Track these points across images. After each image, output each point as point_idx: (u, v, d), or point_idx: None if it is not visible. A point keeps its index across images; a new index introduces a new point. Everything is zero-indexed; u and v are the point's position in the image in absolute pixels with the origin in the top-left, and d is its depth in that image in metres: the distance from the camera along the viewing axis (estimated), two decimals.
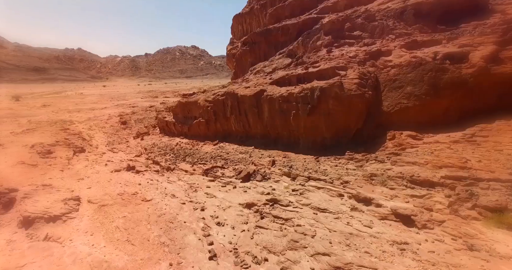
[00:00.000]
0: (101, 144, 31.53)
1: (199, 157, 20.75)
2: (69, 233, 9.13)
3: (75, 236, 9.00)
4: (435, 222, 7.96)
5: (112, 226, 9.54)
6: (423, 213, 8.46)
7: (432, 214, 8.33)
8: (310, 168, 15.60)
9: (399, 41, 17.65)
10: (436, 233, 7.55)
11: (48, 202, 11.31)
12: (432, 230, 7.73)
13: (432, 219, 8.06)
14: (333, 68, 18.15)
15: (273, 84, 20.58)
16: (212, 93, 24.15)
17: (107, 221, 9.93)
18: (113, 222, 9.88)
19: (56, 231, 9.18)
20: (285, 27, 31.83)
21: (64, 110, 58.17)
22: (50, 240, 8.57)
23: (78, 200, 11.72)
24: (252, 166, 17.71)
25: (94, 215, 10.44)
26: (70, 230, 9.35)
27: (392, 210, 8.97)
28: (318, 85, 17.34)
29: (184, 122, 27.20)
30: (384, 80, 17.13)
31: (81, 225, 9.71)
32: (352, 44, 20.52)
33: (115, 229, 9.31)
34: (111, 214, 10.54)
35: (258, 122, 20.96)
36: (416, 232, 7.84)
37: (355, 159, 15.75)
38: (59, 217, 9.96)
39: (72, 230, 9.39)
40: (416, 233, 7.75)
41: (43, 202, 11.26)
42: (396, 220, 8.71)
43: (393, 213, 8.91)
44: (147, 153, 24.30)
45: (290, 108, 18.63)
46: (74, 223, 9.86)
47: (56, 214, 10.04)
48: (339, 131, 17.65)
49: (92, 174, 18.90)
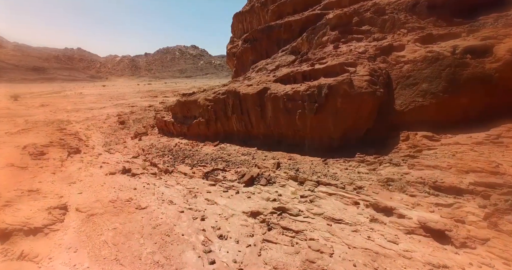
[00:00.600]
0: (97, 144, 30.32)
1: (199, 158, 19.51)
2: (49, 249, 7.92)
3: (56, 253, 7.79)
4: (476, 240, 6.75)
5: (99, 241, 8.32)
6: (458, 227, 7.25)
7: (469, 230, 7.11)
8: (319, 171, 14.37)
9: (412, 35, 16.40)
10: (481, 254, 6.35)
11: (31, 211, 10.07)
12: (475, 249, 6.52)
13: (472, 236, 6.85)
14: (341, 65, 16.90)
15: (277, 82, 19.33)
16: (213, 92, 22.90)
17: (94, 234, 8.71)
18: (101, 235, 8.66)
19: (35, 247, 7.96)
20: (288, 24, 30.57)
21: (62, 110, 57.00)
22: (25, 259, 7.36)
23: (65, 209, 10.49)
24: (256, 168, 16.49)
25: (80, 227, 9.22)
26: (51, 245, 8.14)
27: (420, 222, 7.76)
28: (326, 83, 16.10)
29: (184, 122, 25.95)
30: (397, 77, 15.90)
31: (65, 238, 8.49)
32: (360, 39, 19.28)
33: (102, 245, 8.10)
34: (100, 225, 9.31)
35: (261, 122, 19.71)
36: (454, 251, 6.64)
37: (366, 161, 14.53)
38: (41, 230, 8.74)
39: (53, 245, 8.18)
40: (455, 253, 6.55)
41: (25, 211, 10.03)
42: (426, 234, 7.50)
43: (421, 227, 7.70)
44: (145, 154, 23.06)
45: (296, 107, 17.39)
46: (57, 236, 8.65)
47: (38, 226, 8.82)
48: (348, 131, 16.42)
49: (85, 177, 17.66)
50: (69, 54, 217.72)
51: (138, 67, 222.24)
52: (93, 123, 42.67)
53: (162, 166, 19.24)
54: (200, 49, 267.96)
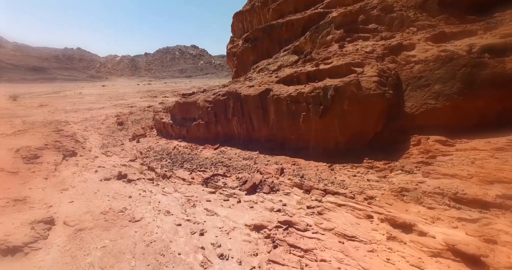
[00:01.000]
0: (95, 146, 29.38)
1: (198, 162, 18.55)
2: None
3: None
4: None
5: (85, 263, 7.36)
6: (494, 251, 6.30)
7: (509, 255, 6.16)
8: (325, 178, 13.42)
9: (423, 33, 15.43)
10: None
11: (13, 224, 9.12)
12: None
13: None
14: (348, 65, 15.94)
15: (279, 82, 18.36)
16: (212, 93, 21.92)
17: (80, 254, 7.75)
18: (88, 255, 7.70)
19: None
20: (290, 23, 29.55)
21: (61, 110, 56.12)
22: None
23: (51, 222, 9.52)
24: (258, 174, 15.54)
25: (66, 245, 8.26)
26: (29, 269, 7.18)
27: (448, 244, 6.81)
28: (332, 84, 15.14)
29: (182, 124, 24.98)
30: (407, 78, 14.94)
31: (46, 260, 7.54)
32: (367, 38, 18.30)
33: (88, 268, 7.14)
34: (88, 243, 8.36)
35: (263, 125, 18.75)
36: None
37: (376, 167, 13.58)
38: (20, 248, 7.78)
39: (32, 268, 7.22)
40: None
41: (6, 224, 9.07)
42: (455, 259, 6.57)
43: (449, 249, 6.75)
44: (142, 157, 22.10)
45: (300, 110, 16.44)
46: (38, 256, 7.69)
47: (17, 244, 7.86)
48: (354, 135, 15.46)
49: (79, 183, 16.69)
50: (69, 54, 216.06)
51: (138, 67, 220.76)
52: (91, 124, 41.75)
53: (160, 171, 18.29)
54: (200, 49, 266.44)
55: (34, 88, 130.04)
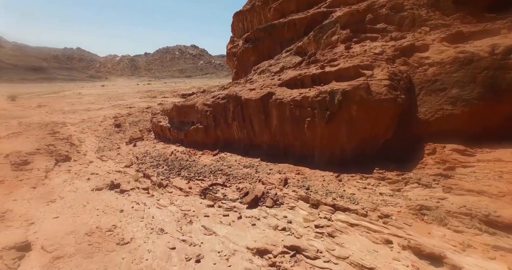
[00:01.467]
0: (90, 150, 28.18)
1: (196, 170, 17.35)
2: None
3: None
4: None
5: None
6: None
7: None
8: (333, 191, 12.24)
9: (437, 33, 14.23)
10: None
11: None
12: None
13: None
14: (356, 67, 14.74)
15: (282, 86, 17.15)
16: (211, 96, 20.70)
17: None
18: None
19: None
20: (292, 22, 28.33)
21: (59, 111, 55.00)
22: None
23: (26, 248, 8.32)
24: (260, 184, 14.36)
25: None
26: None
27: None
28: (340, 88, 13.94)
29: (180, 128, 23.78)
30: (420, 82, 13.75)
31: None
32: (375, 38, 17.09)
33: None
34: None
35: (265, 131, 17.55)
36: None
37: (388, 179, 12.40)
38: None
39: None
40: None
41: None
42: None
43: None
44: (138, 163, 20.90)
45: (304, 115, 15.25)
46: None
47: None
48: (363, 143, 14.29)
49: (69, 193, 15.49)
50: (69, 54, 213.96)
51: (138, 67, 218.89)
52: (88, 125, 40.60)
53: (156, 179, 17.11)
54: (200, 49, 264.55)
55: (33, 88, 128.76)
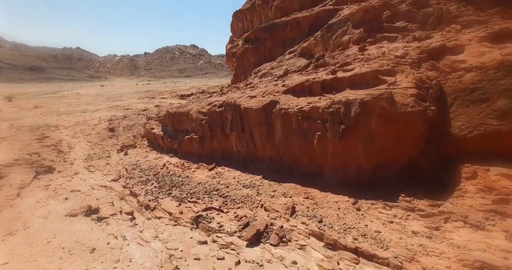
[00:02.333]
0: (79, 157, 25.81)
1: (190, 189, 15.02)
2: None
3: None
4: None
5: None
6: None
7: None
8: (352, 225, 9.92)
9: (473, 32, 11.87)
10: None
11: None
12: None
13: None
14: (374, 73, 12.38)
15: (287, 93, 14.79)
16: (207, 103, 18.31)
17: None
18: None
19: None
20: (295, 21, 25.91)
21: (55, 112, 52.72)
22: None
23: None
24: (262, 211, 12.04)
25: None
26: None
27: None
28: (357, 98, 11.58)
29: (174, 137, 21.41)
30: (454, 90, 11.41)
31: None
32: (393, 39, 14.72)
33: None
34: None
35: (267, 144, 15.22)
36: None
37: (419, 210, 10.08)
38: None
39: None
40: None
41: None
42: None
43: None
44: (126, 177, 18.54)
45: (314, 128, 12.92)
46: None
47: None
48: (383, 161, 11.96)
49: (38, 219, 13.10)
50: (68, 54, 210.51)
51: (137, 66, 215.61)
52: (81, 129, 38.26)
53: (143, 199, 14.80)
54: (199, 49, 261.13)
55: (32, 88, 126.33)
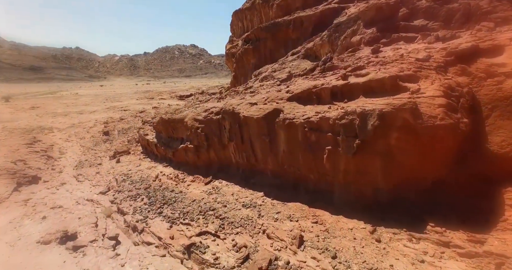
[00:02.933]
0: (69, 165, 24.01)
1: (183, 208, 13.24)
2: None
3: None
4: None
5: None
6: None
7: None
8: (374, 266, 8.14)
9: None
10: None
11: None
12: None
13: None
14: (393, 79, 10.57)
15: (292, 100, 12.98)
16: (204, 110, 16.49)
17: None
18: None
19: None
20: (298, 20, 24.08)
21: (51, 113, 50.92)
22: None
23: None
24: (264, 238, 10.29)
25: None
26: None
27: None
28: (375, 108, 9.79)
29: (168, 145, 19.61)
30: (491, 99, 9.64)
31: None
32: (412, 39, 12.91)
33: None
34: None
35: (269, 157, 13.43)
36: None
37: (455, 245, 8.32)
38: None
39: None
40: None
41: None
42: None
43: None
44: (115, 190, 16.77)
45: (323, 141, 11.15)
46: None
47: None
48: (405, 181, 10.21)
49: (2, 248, 11.24)
50: (67, 54, 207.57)
51: (137, 66, 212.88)
52: (76, 132, 36.44)
53: (131, 219, 13.08)
54: (199, 49, 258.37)
55: (31, 88, 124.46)
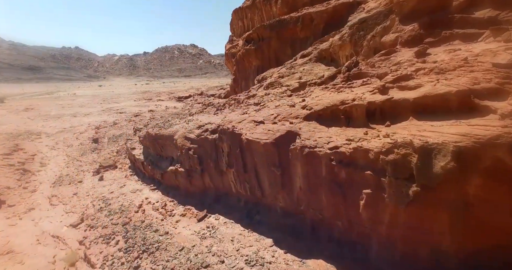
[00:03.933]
0: (47, 180, 20.67)
1: (167, 260, 9.89)
2: None
3: None
4: None
5: None
6: None
7: None
8: None
9: None
10: None
11: None
12: None
13: None
14: (464, 94, 7.18)
15: (311, 119, 9.56)
16: (196, 126, 13.02)
17: None
18: None
19: None
20: (307, 17, 20.54)
21: (44, 116, 47.68)
22: None
23: None
24: None
25: None
26: None
27: None
28: (446, 141, 6.40)
29: (157, 164, 16.19)
30: None
31: None
32: (473, 36, 9.47)
33: None
34: None
35: (280, 192, 10.02)
36: None
37: None
38: None
39: None
40: None
41: None
42: None
43: None
44: (89, 224, 13.42)
45: (358, 181, 7.79)
46: None
47: None
48: (487, 248, 6.84)
49: None
50: (67, 53, 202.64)
51: (137, 66, 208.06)
52: (65, 138, 33.02)
53: None
54: (199, 48, 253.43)
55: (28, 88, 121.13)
